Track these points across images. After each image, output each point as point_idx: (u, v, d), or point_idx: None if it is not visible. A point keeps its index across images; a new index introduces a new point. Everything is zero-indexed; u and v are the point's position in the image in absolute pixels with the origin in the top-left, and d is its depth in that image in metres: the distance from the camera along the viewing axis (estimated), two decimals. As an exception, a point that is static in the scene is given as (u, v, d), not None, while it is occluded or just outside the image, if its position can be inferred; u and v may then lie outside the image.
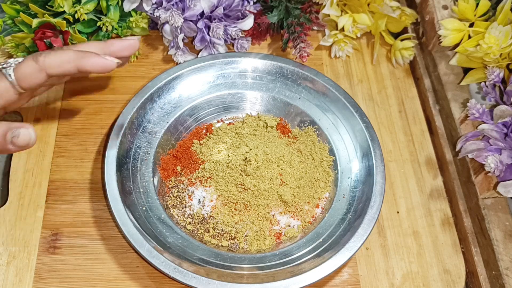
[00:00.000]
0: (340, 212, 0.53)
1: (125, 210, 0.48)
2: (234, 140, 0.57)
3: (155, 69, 0.64)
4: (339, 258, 0.47)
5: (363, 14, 0.63)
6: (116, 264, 0.50)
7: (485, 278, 0.52)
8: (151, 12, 0.60)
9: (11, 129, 0.43)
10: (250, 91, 0.60)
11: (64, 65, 0.47)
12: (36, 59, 0.46)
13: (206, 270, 0.47)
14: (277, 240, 0.52)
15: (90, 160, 0.56)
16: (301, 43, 0.61)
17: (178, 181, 0.55)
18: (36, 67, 0.46)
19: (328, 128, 0.58)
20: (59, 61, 0.47)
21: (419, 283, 0.52)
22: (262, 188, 0.52)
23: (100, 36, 0.61)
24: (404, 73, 0.66)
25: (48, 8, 0.58)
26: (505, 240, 0.52)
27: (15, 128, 0.43)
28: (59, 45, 0.57)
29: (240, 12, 0.62)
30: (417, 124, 0.62)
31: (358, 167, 0.55)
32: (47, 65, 0.46)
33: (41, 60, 0.46)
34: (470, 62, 0.61)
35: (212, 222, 0.52)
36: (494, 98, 0.56)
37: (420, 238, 0.54)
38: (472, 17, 0.59)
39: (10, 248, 0.50)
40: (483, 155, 0.52)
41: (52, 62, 0.47)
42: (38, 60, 0.46)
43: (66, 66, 0.47)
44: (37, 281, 0.49)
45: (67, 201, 0.53)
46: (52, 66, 0.47)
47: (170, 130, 0.57)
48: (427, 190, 0.58)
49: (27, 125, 0.44)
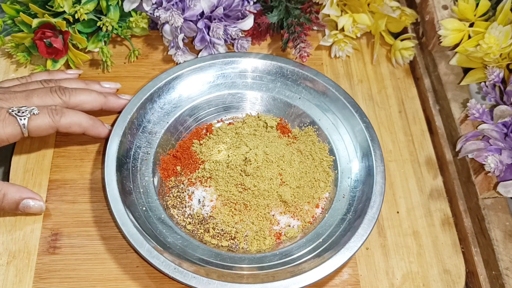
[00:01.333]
0: (340, 212, 0.53)
1: (125, 210, 0.48)
2: (234, 140, 0.57)
3: (155, 69, 0.64)
4: (339, 258, 0.47)
5: (363, 14, 0.63)
6: (116, 264, 0.50)
7: (485, 278, 0.52)
8: (151, 12, 0.60)
9: (23, 198, 0.50)
10: (250, 91, 0.60)
11: (74, 128, 0.52)
12: (53, 117, 0.50)
13: (206, 270, 0.47)
14: (277, 240, 0.52)
15: (90, 160, 0.56)
16: (301, 43, 0.61)
17: (178, 181, 0.55)
18: (51, 124, 0.50)
19: (328, 128, 0.58)
20: (72, 124, 0.51)
21: (419, 283, 0.52)
22: (262, 188, 0.52)
23: (100, 36, 0.61)
24: (404, 73, 0.66)
25: (48, 8, 0.58)
26: (505, 240, 0.52)
27: (28, 198, 0.50)
28: (59, 45, 0.57)
29: (240, 12, 0.62)
30: (417, 124, 0.62)
31: (358, 167, 0.55)
32: (60, 124, 0.51)
33: (57, 119, 0.50)
34: (470, 62, 0.61)
35: (212, 222, 0.52)
36: (494, 98, 0.56)
37: (420, 238, 0.54)
38: (472, 17, 0.59)
39: (10, 248, 0.50)
40: (483, 155, 0.52)
41: (66, 124, 0.51)
42: (54, 118, 0.50)
43: (75, 128, 0.52)
44: (37, 281, 0.49)
45: (67, 201, 0.53)
46: (65, 127, 0.51)
47: (170, 130, 0.57)
48: (427, 190, 0.58)
49: (37, 196, 0.51)
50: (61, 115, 0.50)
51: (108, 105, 0.56)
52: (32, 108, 0.49)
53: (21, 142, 0.56)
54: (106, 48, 0.60)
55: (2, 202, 0.49)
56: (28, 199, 0.50)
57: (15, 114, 0.49)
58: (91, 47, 0.61)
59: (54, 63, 0.60)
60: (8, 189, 0.49)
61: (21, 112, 0.49)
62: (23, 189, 0.50)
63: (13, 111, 0.49)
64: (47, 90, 0.52)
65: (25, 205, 0.50)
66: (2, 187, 0.49)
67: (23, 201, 0.50)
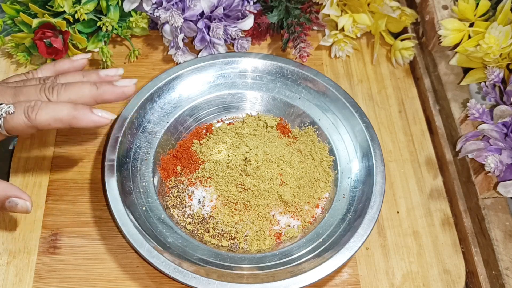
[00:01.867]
0: (340, 212, 0.53)
1: (125, 210, 0.48)
2: (234, 140, 0.57)
3: (155, 69, 0.64)
4: (339, 258, 0.47)
5: (363, 14, 0.63)
6: (116, 264, 0.50)
7: (485, 278, 0.52)
8: (151, 12, 0.60)
9: (9, 197, 0.46)
10: (250, 91, 0.60)
11: (55, 123, 0.46)
12: (27, 116, 0.45)
13: (206, 270, 0.47)
14: (277, 240, 0.52)
15: (90, 160, 0.56)
16: (301, 43, 0.61)
17: (178, 181, 0.55)
18: (27, 123, 0.45)
19: (328, 128, 0.58)
20: (51, 119, 0.46)
21: (419, 283, 0.52)
22: (262, 188, 0.52)
23: (100, 36, 0.61)
24: (404, 73, 0.66)
25: (48, 8, 0.58)
26: (505, 240, 0.52)
27: (14, 197, 0.46)
28: (59, 45, 0.57)
29: (240, 12, 0.62)
30: (417, 124, 0.62)
31: (358, 167, 0.55)
32: (38, 123, 0.46)
33: (32, 117, 0.45)
34: (470, 62, 0.61)
35: (212, 222, 0.52)
36: (494, 98, 0.56)
37: (420, 238, 0.54)
38: (472, 17, 0.59)
39: (10, 248, 0.50)
40: (483, 155, 0.52)
41: (44, 120, 0.46)
42: (29, 117, 0.45)
43: (57, 124, 0.46)
44: (37, 281, 0.49)
45: (67, 201, 0.53)
46: (43, 124, 0.46)
47: (170, 130, 0.57)
48: (427, 190, 0.58)
49: (24, 196, 0.46)
50: (37, 111, 0.46)
51: (103, 97, 0.49)
52: (9, 106, 0.45)
53: (21, 142, 0.56)
54: (106, 48, 0.60)
55: None
56: (15, 197, 0.47)
57: None
58: (91, 47, 0.61)
59: (54, 63, 0.60)
60: None
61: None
62: (11, 187, 0.47)
63: None
64: (37, 88, 0.49)
65: (12, 203, 0.46)
66: None
67: (10, 199, 0.46)
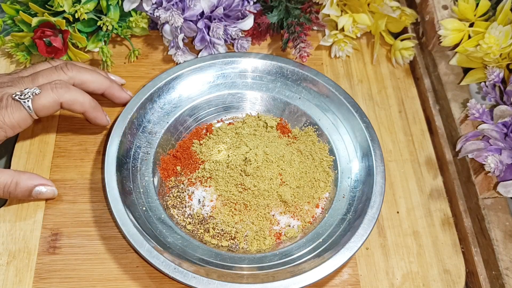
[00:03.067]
0: (340, 212, 0.53)
1: (125, 210, 0.48)
2: (234, 140, 0.57)
3: (155, 69, 0.64)
4: (339, 258, 0.47)
5: (363, 14, 0.63)
6: (116, 264, 0.50)
7: (485, 278, 0.52)
8: (151, 12, 0.60)
9: (35, 185, 0.50)
10: (250, 91, 0.60)
11: (76, 106, 0.51)
12: (56, 93, 0.50)
13: (206, 270, 0.47)
14: (277, 240, 0.52)
15: (90, 160, 0.56)
16: (301, 43, 0.61)
17: (178, 181, 0.55)
18: (56, 99, 0.50)
19: (328, 128, 0.58)
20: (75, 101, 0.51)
21: (419, 283, 0.52)
22: (262, 188, 0.52)
23: (100, 36, 0.61)
24: (404, 73, 0.66)
25: (48, 7, 0.58)
26: (505, 240, 0.52)
27: (39, 185, 0.51)
28: (59, 44, 0.57)
29: (240, 12, 0.62)
30: (417, 124, 0.62)
31: (358, 167, 0.55)
32: (64, 100, 0.50)
33: (61, 93, 0.50)
34: (470, 62, 0.61)
35: (212, 222, 0.52)
36: (494, 98, 0.56)
37: (420, 238, 0.54)
38: (472, 17, 0.59)
39: (10, 248, 0.50)
40: (483, 155, 0.52)
41: (70, 99, 0.51)
42: (58, 93, 0.50)
43: (77, 107, 0.52)
44: (37, 281, 0.49)
45: (67, 201, 0.53)
46: (68, 103, 0.51)
47: (170, 130, 0.57)
48: (427, 190, 0.58)
49: (48, 182, 0.51)
50: (65, 89, 0.50)
51: (112, 91, 0.55)
52: (34, 89, 0.49)
53: (21, 142, 0.56)
54: (106, 48, 0.60)
55: (15, 190, 0.49)
56: (40, 185, 0.51)
57: (18, 98, 0.48)
58: (91, 46, 0.61)
59: (54, 63, 0.60)
60: (20, 177, 0.50)
61: (23, 95, 0.49)
62: (34, 176, 0.51)
63: (16, 96, 0.49)
64: (53, 68, 0.53)
65: (38, 191, 0.50)
66: (14, 176, 0.49)
67: (36, 188, 0.50)
